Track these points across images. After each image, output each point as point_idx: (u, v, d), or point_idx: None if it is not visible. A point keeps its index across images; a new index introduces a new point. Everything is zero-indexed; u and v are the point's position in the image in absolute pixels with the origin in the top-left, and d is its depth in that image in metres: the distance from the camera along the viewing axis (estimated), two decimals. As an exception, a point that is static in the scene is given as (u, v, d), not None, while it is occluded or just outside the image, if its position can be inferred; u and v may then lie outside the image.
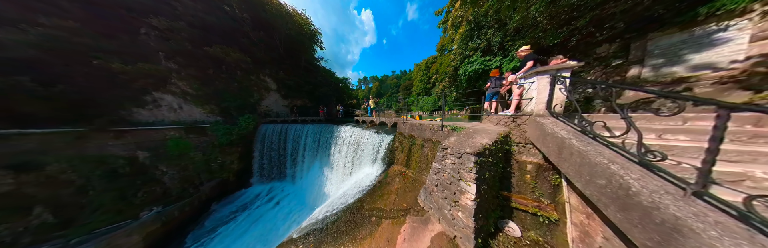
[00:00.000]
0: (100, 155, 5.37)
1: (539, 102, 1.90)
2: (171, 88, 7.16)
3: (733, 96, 2.13)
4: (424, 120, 5.10)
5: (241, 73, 9.55)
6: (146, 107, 6.63)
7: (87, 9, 5.79)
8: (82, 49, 5.44)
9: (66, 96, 5.08)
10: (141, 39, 6.85)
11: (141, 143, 6.10)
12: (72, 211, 4.76)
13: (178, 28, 7.43)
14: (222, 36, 9.18)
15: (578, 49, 3.73)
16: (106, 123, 5.63)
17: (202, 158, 7.28)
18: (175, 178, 6.54)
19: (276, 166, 8.26)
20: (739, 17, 2.08)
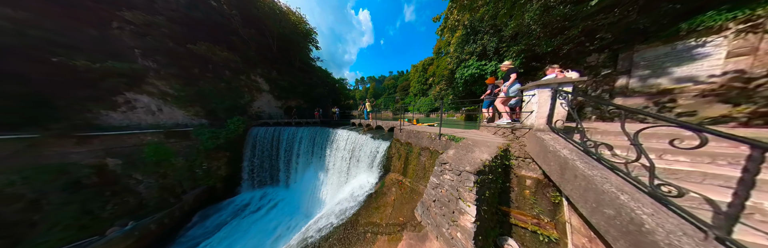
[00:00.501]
0: (60, 164, 4.65)
1: (540, 116, 1.77)
2: (148, 88, 6.44)
3: (714, 109, 2.21)
4: (421, 125, 4.95)
5: (229, 72, 8.88)
6: (118, 109, 5.90)
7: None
8: (38, 44, 4.68)
9: (15, 98, 4.34)
10: (113, 34, 6.09)
11: (111, 150, 5.39)
12: (20, 230, 4.06)
13: (156, 23, 6.71)
14: (208, 33, 8.47)
15: (569, 57, 3.81)
16: (68, 128, 4.90)
17: (184, 165, 6.62)
18: (152, 187, 5.87)
19: (268, 171, 7.72)
20: (715, 34, 2.19)
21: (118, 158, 5.45)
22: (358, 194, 3.92)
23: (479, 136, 2.48)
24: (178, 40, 7.30)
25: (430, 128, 3.89)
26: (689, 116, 2.36)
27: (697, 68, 2.29)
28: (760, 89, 1.97)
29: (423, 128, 3.53)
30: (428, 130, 3.24)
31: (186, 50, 7.39)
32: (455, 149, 2.11)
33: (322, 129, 6.57)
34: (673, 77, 2.44)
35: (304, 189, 6.40)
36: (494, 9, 4.98)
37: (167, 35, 7.01)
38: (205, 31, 8.39)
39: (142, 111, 6.34)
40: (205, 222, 6.01)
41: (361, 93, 70.14)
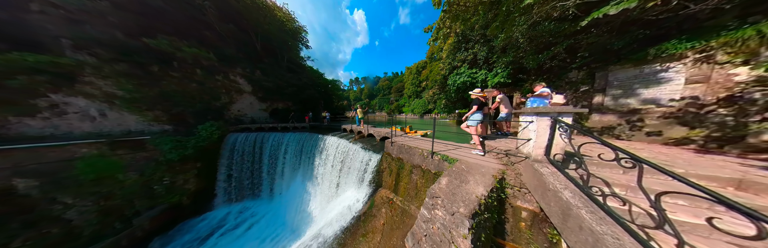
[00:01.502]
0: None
1: (538, 146, 1.61)
2: (85, 89, 5.02)
3: (675, 130, 2.29)
4: (414, 133, 4.53)
5: (202, 71, 7.53)
6: (38, 115, 4.46)
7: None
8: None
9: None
10: (31, 18, 4.60)
11: (22, 168, 4.00)
12: None
13: (97, 8, 5.27)
14: (173, 26, 7.06)
15: (552, 71, 3.86)
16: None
17: (137, 181, 5.31)
18: (88, 212, 4.54)
19: (248, 183, 6.64)
20: (677, 61, 2.29)
21: (33, 178, 4.06)
22: (346, 217, 3.40)
23: (473, 159, 2.21)
24: (130, 31, 5.89)
25: (422, 139, 3.52)
26: (656, 135, 2.45)
27: (661, 91, 2.41)
28: (709, 115, 2.09)
29: (415, 143, 3.17)
30: (420, 145, 2.95)
31: (142, 44, 6.00)
32: (448, 178, 1.87)
33: (311, 135, 5.82)
34: (641, 97, 2.56)
35: (290, 201, 5.58)
36: (484, 19, 5.12)
37: (114, 25, 5.58)
38: (169, 22, 6.97)
39: (76, 117, 4.91)
40: (169, 246, 4.81)
41: (355, 94, 68.72)
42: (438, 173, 2.28)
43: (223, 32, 8.82)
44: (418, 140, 3.49)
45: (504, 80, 5.30)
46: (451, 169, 2.01)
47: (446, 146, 2.82)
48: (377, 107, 53.18)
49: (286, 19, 11.52)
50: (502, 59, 5.08)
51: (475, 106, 2.42)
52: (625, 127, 2.69)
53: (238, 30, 9.58)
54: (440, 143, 2.94)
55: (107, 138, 5.09)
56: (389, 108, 47.04)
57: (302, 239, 3.65)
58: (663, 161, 1.59)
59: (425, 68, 29.24)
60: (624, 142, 2.60)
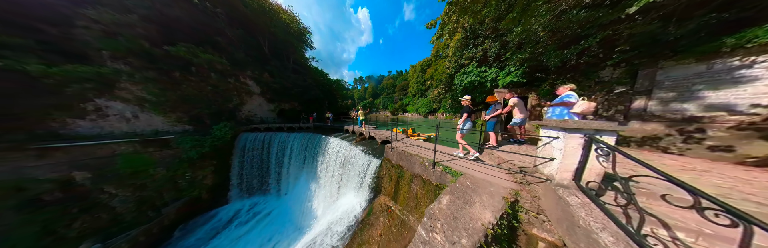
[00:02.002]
0: (14, 180, 4.11)
1: (564, 169, 1.25)
2: (121, 94, 5.85)
3: (755, 146, 1.76)
4: (416, 137, 4.51)
5: (216, 75, 8.24)
6: (87, 117, 5.32)
7: None
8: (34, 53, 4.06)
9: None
10: (77, 33, 5.43)
11: (78, 162, 4.86)
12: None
13: (128, 22, 6.03)
14: (189, 34, 7.79)
15: (578, 69, 3.26)
16: (24, 139, 4.33)
17: (165, 175, 6.11)
18: (128, 201, 5.38)
19: (258, 180, 7.26)
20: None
21: (87, 170, 4.91)
22: (344, 223, 3.63)
23: (480, 173, 1.96)
24: (154, 40, 6.64)
25: (424, 145, 3.38)
26: (725, 151, 1.90)
27: (738, 93, 1.84)
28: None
29: (416, 149, 3.05)
30: (422, 152, 2.84)
31: (164, 52, 6.74)
32: (449, 196, 1.66)
33: (315, 136, 6.19)
34: (705, 102, 1.98)
35: (297, 199, 6.02)
36: (497, 11, 4.64)
37: (142, 36, 6.35)
38: (186, 31, 7.70)
39: (115, 119, 5.76)
40: (188, 238, 5.55)
41: (359, 93, 69.58)
42: (439, 186, 2.14)
43: (234, 37, 9.50)
44: (420, 145, 3.39)
45: (518, 79, 4.79)
46: (454, 185, 1.80)
47: (450, 154, 2.69)
48: (381, 106, 53.08)
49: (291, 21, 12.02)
50: (517, 56, 4.57)
51: (465, 114, 2.41)
52: (676, 138, 2.11)
53: (247, 34, 10.24)
54: (443, 152, 2.79)
55: (140, 137, 5.91)
56: (393, 107, 46.07)
57: (303, 241, 3.89)
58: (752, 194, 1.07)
59: (430, 66, 28.35)
60: (674, 157, 2.05)
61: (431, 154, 2.49)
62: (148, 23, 6.57)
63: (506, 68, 5.27)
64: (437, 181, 2.22)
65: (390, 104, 45.59)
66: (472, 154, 2.42)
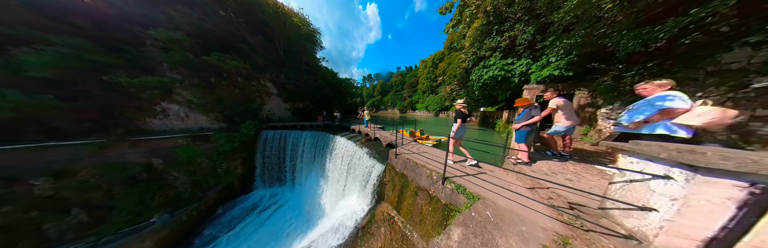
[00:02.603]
0: (121, 162, 6.07)
1: (680, 233, 0.76)
2: (176, 97, 7.68)
3: None
4: (424, 140, 4.24)
5: (241, 79, 9.85)
6: (157, 116, 7.24)
7: (95, 24, 6.25)
8: (93, 65, 5.93)
9: (86, 110, 5.69)
10: (148, 51, 7.28)
11: (154, 151, 6.76)
12: (102, 212, 5.55)
13: (178, 39, 7.72)
14: (220, 43, 9.41)
15: (672, 52, 2.25)
16: (123, 133, 6.27)
17: (208, 164, 7.89)
18: (185, 183, 7.23)
19: (276, 172, 8.65)
20: None
21: (160, 158, 6.79)
22: (346, 226, 3.75)
23: (505, 192, 1.54)
24: (196, 52, 8.32)
25: (432, 152, 3.12)
26: None
27: None
28: None
29: (422, 158, 2.78)
30: (429, 163, 2.55)
31: (202, 61, 8.41)
32: (462, 229, 1.30)
33: (324, 135, 6.90)
34: None
35: (307, 192, 6.99)
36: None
37: (187, 49, 8.04)
38: (218, 41, 9.32)
39: (174, 118, 7.64)
40: (225, 216, 7.20)
41: (368, 91, 70.89)
42: (449, 206, 1.82)
43: (254, 43, 11.01)
44: (428, 152, 3.06)
45: (560, 72, 3.83)
46: (468, 213, 1.41)
47: (465, 166, 2.28)
48: (389, 104, 52.63)
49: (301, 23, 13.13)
50: (563, 42, 3.44)
51: (459, 119, 2.26)
52: None
53: (265, 40, 11.68)
54: (456, 163, 2.38)
55: (189, 133, 7.71)
56: (401, 105, 44.87)
57: (308, 238, 4.44)
58: None
59: (443, 60, 26.84)
60: None
61: (440, 165, 2.24)
62: (190, 37, 8.24)
63: (543, 58, 4.33)
64: (446, 200, 1.87)
65: (398, 102, 45.31)
66: (470, 161, 2.24)
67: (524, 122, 2.05)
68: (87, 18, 6.20)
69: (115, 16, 6.71)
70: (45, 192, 4.98)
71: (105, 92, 6.11)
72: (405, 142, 3.95)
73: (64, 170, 5.24)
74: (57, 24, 5.68)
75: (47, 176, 5.04)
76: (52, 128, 5.32)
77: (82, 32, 6.06)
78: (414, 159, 2.70)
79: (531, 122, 2.03)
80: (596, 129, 3.29)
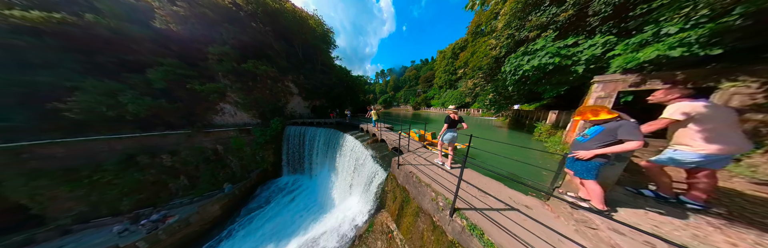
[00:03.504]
0: (200, 147, 9.34)
1: None
2: (228, 99, 10.76)
3: None
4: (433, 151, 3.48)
5: (270, 81, 12.59)
6: (218, 114, 10.46)
7: (179, 46, 9.45)
8: (182, 78, 9.12)
9: (181, 110, 8.95)
10: (209, 64, 10.41)
11: (218, 140, 9.96)
12: (195, 180, 8.91)
13: (226, 51, 10.63)
14: (253, 52, 12.20)
15: None
16: (201, 126, 9.51)
17: (250, 152, 10.91)
18: (237, 165, 10.37)
19: (298, 163, 11.11)
20: None
21: (221, 145, 9.95)
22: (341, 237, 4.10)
23: (536, 242, 1.19)
24: (238, 61, 11.20)
25: (440, 162, 2.84)
26: None
27: None
28: None
29: (428, 175, 2.42)
30: (435, 181, 2.24)
31: (242, 69, 11.27)
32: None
33: (335, 132, 8.34)
34: None
35: (321, 183, 8.69)
36: None
37: (233, 59, 10.95)
38: (251, 50, 12.11)
39: (228, 115, 10.80)
40: (262, 195, 10.01)
41: (380, 87, 72.34)
42: (455, 244, 1.55)
43: (279, 49, 13.60)
44: (436, 168, 2.69)
45: (693, 50, 2.42)
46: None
47: (481, 192, 1.82)
48: (402, 100, 52.88)
49: (316, 25, 15.15)
50: (703, 8, 2.28)
51: (446, 124, 2.40)
52: None
53: (287, 44, 14.20)
54: (471, 185, 1.76)
55: (237, 127, 10.76)
56: (414, 101, 44.49)
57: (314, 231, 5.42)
58: None
59: (465, 50, 24.79)
60: None
61: (449, 183, 2.00)
62: (233, 49, 11.13)
63: (647, 31, 2.91)
64: (454, 236, 1.59)
65: (412, 98, 44.86)
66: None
67: (601, 151, 1.22)
68: (175, 42, 9.44)
69: (189, 39, 9.88)
70: (167, 163, 8.43)
71: (189, 97, 9.34)
72: (412, 146, 3.79)
73: (174, 150, 8.64)
74: (161, 49, 8.99)
75: (167, 153, 8.46)
76: (166, 121, 8.73)
77: (173, 53, 9.32)
78: (418, 174, 2.42)
79: (617, 151, 1.18)
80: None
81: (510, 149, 5.69)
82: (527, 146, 5.76)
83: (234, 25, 11.61)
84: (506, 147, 5.90)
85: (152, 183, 8.09)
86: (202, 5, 10.41)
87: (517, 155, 5.20)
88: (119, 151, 7.61)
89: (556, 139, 5.86)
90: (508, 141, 6.72)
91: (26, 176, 6.18)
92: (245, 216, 8.18)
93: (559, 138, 5.82)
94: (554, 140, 5.83)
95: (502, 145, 5.86)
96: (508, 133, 7.58)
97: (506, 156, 1.74)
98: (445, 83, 31.29)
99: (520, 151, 5.48)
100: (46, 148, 6.46)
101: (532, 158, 5.18)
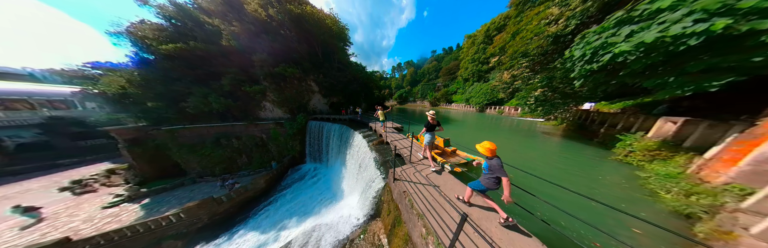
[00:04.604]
0: (252, 135, 14.22)
1: None
2: (267, 98, 15.28)
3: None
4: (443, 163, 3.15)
5: (296, 81, 16.61)
6: (262, 110, 15.19)
7: (237, 57, 14.11)
8: (239, 82, 13.81)
9: (240, 107, 13.83)
10: (254, 69, 14.97)
11: (262, 130, 14.73)
12: (251, 159, 13.90)
13: (264, 58, 14.87)
14: (282, 57, 16.24)
15: None
16: (251, 119, 14.33)
17: (283, 142, 15.45)
18: (275, 151, 15.11)
19: (318, 153, 14.99)
20: None
21: (265, 134, 14.68)
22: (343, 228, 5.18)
23: None
24: (272, 65, 15.42)
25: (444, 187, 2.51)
26: None
27: None
28: None
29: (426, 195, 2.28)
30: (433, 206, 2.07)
31: (274, 72, 15.46)
32: None
33: (347, 129, 11.32)
34: None
35: (335, 174, 12.10)
36: None
37: (269, 64, 15.20)
38: (282, 55, 16.16)
39: (268, 111, 15.47)
40: (291, 176, 14.37)
41: (397, 81, 72.49)
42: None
43: (301, 51, 17.33)
44: (441, 183, 2.54)
45: None
46: None
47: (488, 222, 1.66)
48: (419, 95, 52.66)
49: (332, 23, 17.98)
50: None
51: (425, 128, 2.90)
52: None
53: (309, 46, 17.79)
54: (480, 232, 1.38)
55: (274, 121, 15.31)
56: (433, 96, 42.57)
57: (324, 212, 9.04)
58: None
59: (503, 31, 21.58)
60: None
61: (449, 220, 1.76)
62: (269, 55, 15.32)
63: None
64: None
65: (430, 93, 43.75)
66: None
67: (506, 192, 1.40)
68: (234, 54, 14.15)
69: (241, 51, 14.47)
70: (236, 145, 13.58)
71: (244, 96, 14.11)
72: (416, 156, 3.58)
73: (239, 136, 13.74)
74: (227, 61, 13.79)
75: (235, 138, 13.54)
76: (233, 115, 13.76)
77: (233, 63, 14.06)
78: (412, 195, 2.30)
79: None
80: None
81: (565, 163, 4.02)
82: (592, 168, 3.60)
83: (269, 34, 15.73)
84: (557, 160, 4.26)
85: (228, 158, 13.40)
86: (248, 22, 14.72)
87: (574, 180, 3.56)
88: (212, 135, 13.00)
89: (669, 169, 3.77)
90: (558, 149, 4.46)
91: (177, 147, 12.03)
92: (280, 191, 12.48)
93: (676, 168, 3.72)
94: (661, 170, 3.77)
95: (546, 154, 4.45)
96: (560, 143, 5.12)
97: (553, 182, 1.11)
98: (471, 74, 29.10)
99: (579, 168, 3.72)
100: (181, 131, 12.09)
101: (603, 193, 3.22)
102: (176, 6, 13.86)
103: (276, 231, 8.57)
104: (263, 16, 15.24)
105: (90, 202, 10.39)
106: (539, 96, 8.37)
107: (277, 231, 8.56)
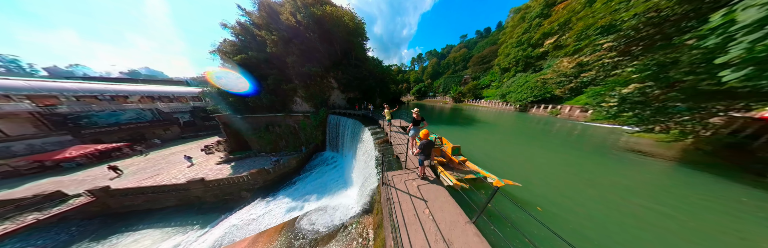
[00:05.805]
0: (288, 124, 18.99)
1: None
2: (298, 94, 19.26)
3: None
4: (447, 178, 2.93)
5: (319, 79, 19.61)
6: (294, 104, 19.56)
7: (277, 60, 18.13)
8: (278, 81, 17.99)
9: (280, 101, 18.37)
10: (289, 71, 18.78)
11: (295, 121, 19.53)
12: (287, 143, 18.94)
13: (294, 60, 18.18)
14: (308, 57, 19.14)
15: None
16: (288, 111, 18.90)
17: (310, 131, 19.72)
18: (304, 138, 19.72)
19: (336, 142, 18.25)
20: None
21: (296, 125, 19.29)
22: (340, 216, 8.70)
23: None
24: (300, 65, 18.67)
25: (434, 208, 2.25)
26: None
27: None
28: None
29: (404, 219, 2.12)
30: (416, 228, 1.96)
31: (302, 71, 18.71)
32: None
33: (359, 124, 13.76)
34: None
35: (347, 162, 14.88)
36: None
37: (298, 64, 18.51)
38: (307, 56, 19.05)
39: (298, 105, 19.94)
40: (314, 161, 18.49)
41: (416, 74, 65.29)
42: None
43: (323, 50, 19.67)
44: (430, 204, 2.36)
45: None
46: None
47: None
48: (440, 90, 47.97)
49: (349, 20, 18.80)
50: None
51: (410, 124, 3.29)
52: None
53: (329, 46, 19.84)
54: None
55: (303, 113, 19.50)
56: (458, 91, 35.98)
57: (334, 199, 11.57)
58: None
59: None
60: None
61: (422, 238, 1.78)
62: (297, 58, 18.51)
63: None
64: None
65: (454, 87, 36.97)
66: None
67: None
68: (274, 59, 18.21)
69: (278, 55, 18.29)
70: (278, 132, 19.04)
71: (282, 93, 18.62)
72: (413, 162, 3.58)
73: (280, 124, 18.89)
74: (270, 65, 18.05)
75: (277, 126, 18.64)
76: (276, 108, 18.58)
77: (274, 66, 18.25)
78: (394, 205, 2.30)
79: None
80: None
81: None
82: None
83: (297, 39, 18.71)
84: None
85: (273, 141, 19.04)
86: (283, 29, 18.01)
87: None
88: (263, 123, 18.54)
89: None
90: (693, 215, 2.82)
91: (245, 130, 18.16)
92: (308, 171, 16.64)
93: None
94: None
95: None
96: (685, 176, 3.34)
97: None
98: (515, 62, 21.73)
99: None
100: (248, 119, 18.07)
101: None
102: (241, 25, 18.75)
103: (301, 201, 12.49)
104: (293, 22, 18.34)
105: (211, 159, 18.10)
106: (632, 94, 5.54)
107: (302, 202, 12.43)
